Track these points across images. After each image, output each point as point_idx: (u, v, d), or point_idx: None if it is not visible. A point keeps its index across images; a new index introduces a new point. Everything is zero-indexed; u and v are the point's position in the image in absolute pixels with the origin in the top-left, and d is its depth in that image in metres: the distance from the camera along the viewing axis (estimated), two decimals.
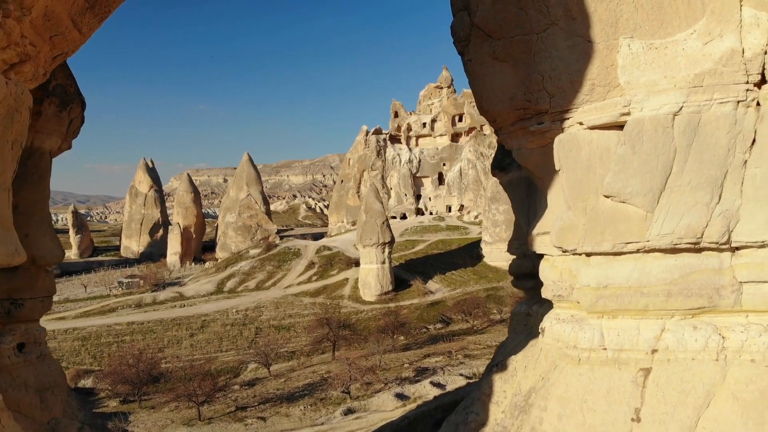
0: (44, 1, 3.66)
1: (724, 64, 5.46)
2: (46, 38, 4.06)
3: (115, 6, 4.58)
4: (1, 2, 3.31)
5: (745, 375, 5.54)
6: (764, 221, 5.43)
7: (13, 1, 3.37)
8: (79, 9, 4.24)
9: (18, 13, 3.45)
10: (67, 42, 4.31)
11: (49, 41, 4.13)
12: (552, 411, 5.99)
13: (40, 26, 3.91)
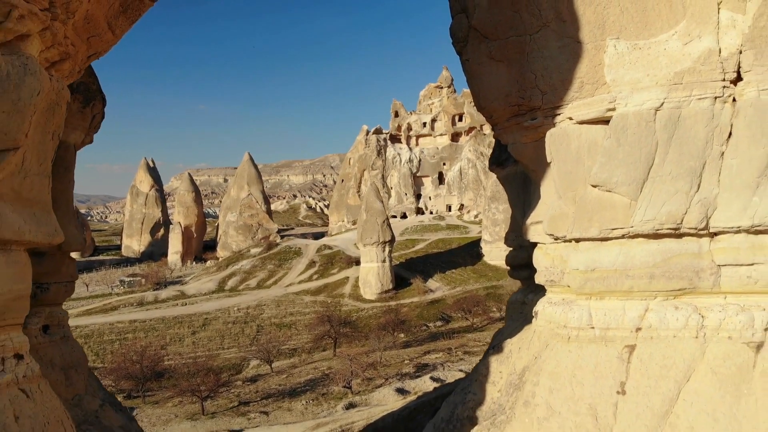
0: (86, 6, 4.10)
1: (702, 63, 5.90)
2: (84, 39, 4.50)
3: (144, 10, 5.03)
4: (50, 6, 3.75)
5: (722, 351, 5.98)
6: (740, 208, 5.87)
7: (61, 5, 3.81)
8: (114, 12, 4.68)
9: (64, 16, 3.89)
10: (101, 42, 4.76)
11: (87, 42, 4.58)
12: (543, 385, 6.43)
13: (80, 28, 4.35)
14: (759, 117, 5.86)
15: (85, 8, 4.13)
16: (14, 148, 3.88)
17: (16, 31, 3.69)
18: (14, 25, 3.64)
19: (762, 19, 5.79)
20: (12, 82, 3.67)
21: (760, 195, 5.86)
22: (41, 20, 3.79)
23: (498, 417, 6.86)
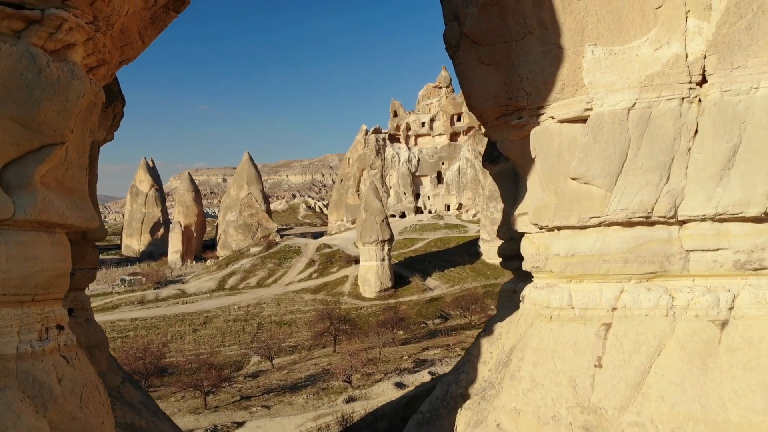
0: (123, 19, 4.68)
1: (670, 67, 6.50)
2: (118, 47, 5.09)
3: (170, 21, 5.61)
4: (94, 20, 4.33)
5: (690, 328, 6.59)
6: (705, 199, 6.48)
7: (103, 19, 4.38)
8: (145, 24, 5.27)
9: (105, 28, 4.47)
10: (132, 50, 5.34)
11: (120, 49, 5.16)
12: (528, 360, 7.03)
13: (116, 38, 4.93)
14: (722, 116, 6.47)
15: (122, 21, 4.73)
16: (61, 142, 4.47)
17: (65, 41, 4.28)
18: (64, 36, 4.23)
19: (724, 27, 6.40)
20: (62, 85, 4.25)
21: (723, 186, 6.47)
22: (86, 32, 4.37)
23: (488, 392, 7.46)
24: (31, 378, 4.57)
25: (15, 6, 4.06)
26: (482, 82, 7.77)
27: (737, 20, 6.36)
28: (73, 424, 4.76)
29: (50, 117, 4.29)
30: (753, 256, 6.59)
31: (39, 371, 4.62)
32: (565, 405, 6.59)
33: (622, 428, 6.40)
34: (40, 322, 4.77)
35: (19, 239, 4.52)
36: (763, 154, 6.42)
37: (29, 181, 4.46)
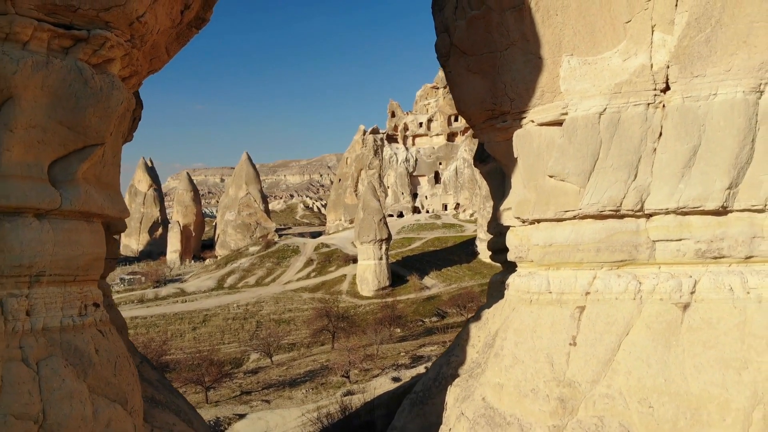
0: (154, 36, 5.39)
1: (637, 76, 7.25)
2: (148, 60, 5.79)
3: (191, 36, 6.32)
4: (131, 38, 5.04)
5: (656, 310, 7.34)
6: (668, 194, 7.23)
7: (138, 37, 5.09)
8: (171, 39, 5.97)
9: (139, 44, 5.17)
10: (159, 62, 6.05)
11: (149, 62, 5.86)
12: (510, 339, 7.77)
13: (146, 52, 5.64)
14: (683, 119, 7.22)
15: (153, 38, 5.44)
16: (101, 143, 5.17)
17: (107, 56, 4.98)
18: (106, 52, 4.93)
19: (686, 40, 7.15)
20: (104, 94, 4.96)
21: (684, 182, 7.22)
22: (124, 48, 5.08)
23: (475, 371, 8.19)
24: (73, 348, 5.27)
25: (65, 27, 4.76)
26: (470, 88, 8.53)
27: (697, 34, 7.11)
28: (108, 389, 5.46)
29: (93, 122, 5.00)
30: (712, 246, 7.35)
31: (80, 342, 5.32)
32: (543, 379, 7.33)
33: (594, 400, 7.14)
34: (80, 300, 5.47)
35: (65, 227, 5.22)
36: (720, 154, 7.17)
37: (73, 176, 5.17)
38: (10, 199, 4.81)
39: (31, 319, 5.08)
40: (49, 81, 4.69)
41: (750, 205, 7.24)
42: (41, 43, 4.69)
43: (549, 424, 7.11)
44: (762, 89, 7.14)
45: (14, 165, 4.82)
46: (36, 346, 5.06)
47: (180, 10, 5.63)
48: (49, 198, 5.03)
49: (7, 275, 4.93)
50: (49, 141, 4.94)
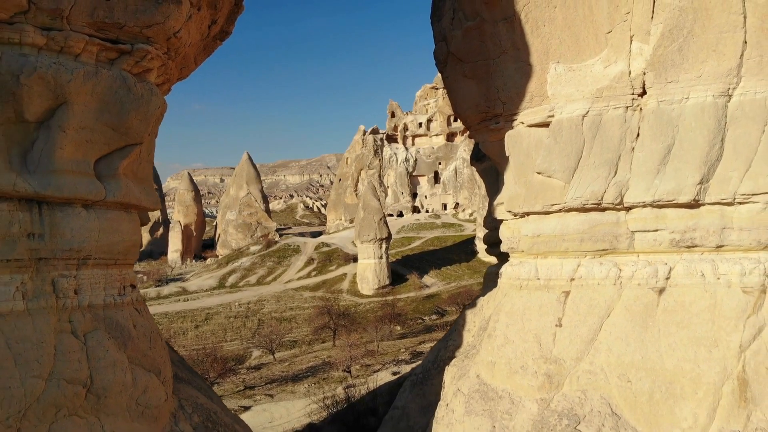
0: (186, 49, 6.11)
1: (617, 82, 7.99)
2: (178, 68, 6.51)
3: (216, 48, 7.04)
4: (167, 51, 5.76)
5: (634, 294, 8.07)
6: (645, 188, 7.97)
7: (173, 50, 5.80)
8: (199, 51, 6.69)
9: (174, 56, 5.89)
10: (187, 70, 6.77)
11: (179, 70, 6.58)
12: (502, 321, 8.50)
13: (178, 62, 6.35)
14: (658, 121, 7.96)
15: (185, 50, 6.16)
16: (140, 143, 5.89)
17: (147, 67, 5.70)
18: (146, 63, 5.65)
19: (660, 49, 7.88)
20: (144, 100, 5.67)
21: (660, 178, 7.96)
22: (161, 60, 5.80)
23: (470, 352, 8.91)
24: (114, 323, 5.98)
25: (112, 41, 5.48)
26: (466, 92, 9.28)
27: (671, 43, 7.85)
28: (145, 360, 6.17)
29: (135, 124, 5.72)
30: (686, 236, 8.08)
31: (120, 318, 6.04)
32: (532, 357, 8.05)
33: (577, 375, 7.88)
34: (119, 281, 6.18)
35: (108, 216, 5.94)
36: (692, 152, 7.91)
37: (115, 171, 5.89)
38: (63, 191, 5.53)
39: (78, 297, 5.79)
40: (98, 88, 5.41)
41: (720, 199, 7.97)
42: (91, 55, 5.40)
43: (537, 397, 7.85)
44: (730, 93, 7.88)
45: (66, 161, 5.53)
46: (83, 320, 5.77)
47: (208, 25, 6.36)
48: (96, 191, 5.75)
49: (58, 258, 5.65)
50: (96, 140, 5.66)
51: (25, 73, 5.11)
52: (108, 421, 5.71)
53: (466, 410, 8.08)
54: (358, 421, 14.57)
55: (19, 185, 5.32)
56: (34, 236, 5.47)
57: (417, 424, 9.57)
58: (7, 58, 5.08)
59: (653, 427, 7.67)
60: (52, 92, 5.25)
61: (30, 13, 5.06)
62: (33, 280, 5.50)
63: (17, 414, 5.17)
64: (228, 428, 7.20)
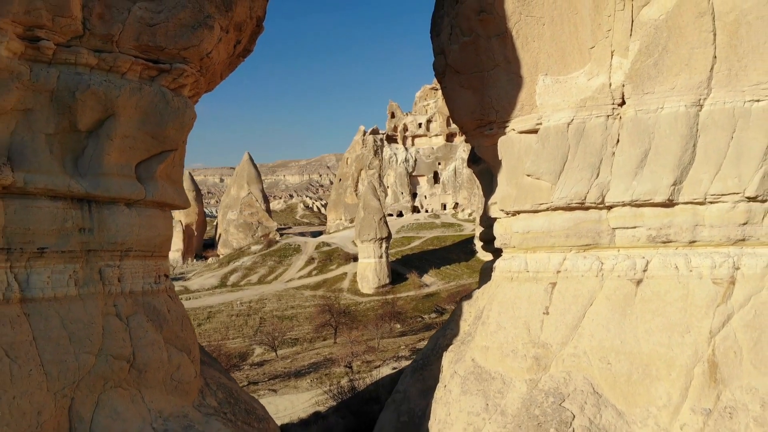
0: (215, 66, 6.93)
1: (599, 93, 8.83)
2: (206, 83, 7.33)
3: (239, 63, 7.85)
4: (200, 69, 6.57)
5: (614, 285, 8.91)
6: (624, 189, 8.81)
7: (205, 67, 6.63)
8: (225, 67, 7.52)
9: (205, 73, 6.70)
10: (214, 84, 7.59)
11: (207, 84, 7.40)
12: (494, 310, 9.33)
13: (208, 78, 7.17)
14: (636, 128, 8.80)
15: (215, 67, 6.98)
16: (175, 149, 6.71)
17: (182, 83, 6.52)
18: (182, 80, 6.47)
19: (637, 63, 8.72)
20: (180, 112, 6.49)
21: (637, 180, 8.80)
22: (195, 77, 6.62)
23: (466, 339, 9.74)
24: (151, 307, 6.80)
25: (153, 61, 6.31)
26: (462, 101, 10.13)
27: (647, 58, 8.68)
28: (177, 341, 6.99)
29: (171, 133, 6.54)
30: (661, 232, 8.91)
31: (156, 303, 6.86)
32: (522, 342, 8.88)
33: (563, 358, 8.70)
34: (155, 271, 7.01)
35: (146, 213, 6.77)
36: (667, 157, 8.74)
37: (153, 174, 6.71)
38: (110, 191, 6.36)
39: (121, 284, 6.62)
40: (141, 102, 6.23)
41: (692, 199, 8.80)
42: (135, 73, 6.23)
43: (526, 378, 8.68)
44: (701, 103, 8.71)
45: (112, 166, 6.36)
46: (125, 305, 6.60)
47: (233, 44, 7.18)
48: (137, 191, 6.58)
49: (105, 250, 6.47)
50: (138, 147, 6.48)
51: (80, 89, 5.93)
52: (147, 393, 6.52)
53: (462, 390, 8.91)
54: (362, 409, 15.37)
55: (73, 186, 6.15)
56: (84, 231, 6.30)
57: (417, 406, 10.39)
58: (64, 76, 5.90)
59: (631, 405, 8.50)
60: (102, 106, 6.07)
61: (85, 38, 5.88)
62: (83, 269, 6.32)
63: (72, 384, 5.98)
64: (248, 405, 8.01)
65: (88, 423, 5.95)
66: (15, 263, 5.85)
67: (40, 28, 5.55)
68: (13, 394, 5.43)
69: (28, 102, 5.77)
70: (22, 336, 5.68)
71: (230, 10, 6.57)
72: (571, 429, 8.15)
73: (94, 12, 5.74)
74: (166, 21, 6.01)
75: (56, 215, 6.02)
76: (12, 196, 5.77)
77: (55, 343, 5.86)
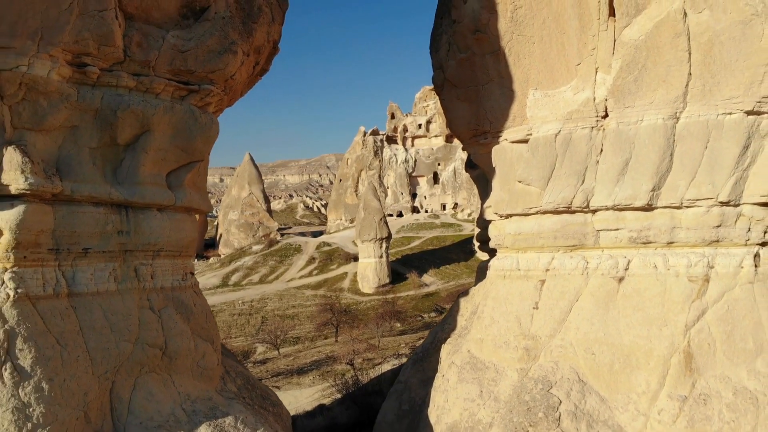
0: (237, 86, 7.73)
1: (584, 106, 9.64)
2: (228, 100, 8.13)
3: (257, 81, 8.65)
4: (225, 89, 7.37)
5: (598, 282, 9.72)
6: (607, 194, 9.63)
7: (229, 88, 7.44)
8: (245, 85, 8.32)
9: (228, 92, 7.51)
10: (234, 100, 8.39)
11: (229, 101, 8.21)
12: (489, 305, 10.14)
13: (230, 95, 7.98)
14: (618, 139, 9.61)
15: (237, 87, 7.79)
16: (201, 160, 7.51)
17: (209, 101, 7.33)
18: (209, 99, 7.28)
19: (619, 80, 9.53)
20: (206, 127, 7.29)
21: (619, 186, 9.62)
22: (219, 96, 7.43)
23: (462, 332, 10.54)
24: (180, 301, 7.60)
25: (184, 83, 7.12)
26: (459, 113, 10.98)
27: (628, 75, 9.49)
28: (202, 332, 7.78)
29: (199, 146, 7.35)
30: (641, 234, 9.73)
31: (184, 298, 7.66)
32: (513, 334, 9.69)
33: (551, 349, 9.52)
34: (182, 269, 7.81)
35: (176, 217, 7.57)
36: (646, 165, 9.55)
37: (182, 183, 7.52)
38: (145, 198, 7.16)
39: (154, 280, 7.42)
40: (173, 119, 7.04)
41: (670, 203, 9.61)
42: (168, 94, 7.03)
43: (517, 367, 9.49)
44: (678, 116, 9.52)
45: (147, 175, 7.16)
46: (157, 299, 7.40)
47: (253, 66, 7.98)
48: (168, 198, 7.39)
49: (139, 250, 7.28)
50: (169, 159, 7.29)
51: (121, 108, 6.73)
52: (177, 378, 7.31)
53: (459, 379, 9.72)
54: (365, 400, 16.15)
55: (113, 194, 6.95)
56: (122, 233, 7.10)
57: (418, 395, 11.18)
58: (107, 97, 6.70)
59: (613, 392, 9.32)
60: (139, 123, 6.87)
61: (125, 63, 6.68)
62: (121, 267, 7.13)
63: (113, 369, 6.79)
64: (263, 391, 8.81)
65: (126, 403, 6.74)
66: (63, 262, 6.65)
67: (87, 56, 6.35)
68: (64, 377, 6.21)
69: (75, 120, 6.56)
70: (70, 326, 6.47)
71: (251, 36, 7.37)
72: (558, 413, 8.95)
73: (133, 41, 6.53)
74: (196, 47, 6.81)
75: (98, 219, 6.82)
76: (60, 203, 6.57)
77: (98, 333, 6.65)
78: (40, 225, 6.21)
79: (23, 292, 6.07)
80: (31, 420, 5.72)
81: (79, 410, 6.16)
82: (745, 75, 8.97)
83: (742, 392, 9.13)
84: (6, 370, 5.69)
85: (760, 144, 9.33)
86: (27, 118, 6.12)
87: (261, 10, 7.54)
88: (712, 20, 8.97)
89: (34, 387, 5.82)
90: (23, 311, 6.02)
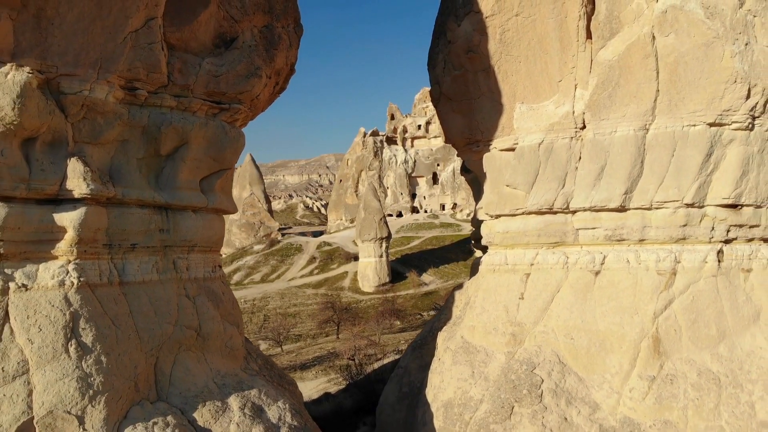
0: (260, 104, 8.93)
1: (564, 119, 10.86)
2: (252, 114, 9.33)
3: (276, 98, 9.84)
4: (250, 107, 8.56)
5: (577, 275, 10.93)
6: (585, 197, 10.84)
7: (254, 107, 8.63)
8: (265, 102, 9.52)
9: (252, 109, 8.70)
10: (256, 114, 9.61)
11: (252, 116, 9.40)
12: (480, 296, 11.35)
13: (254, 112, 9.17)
14: (595, 148, 10.83)
15: (259, 104, 9.00)
16: (229, 168, 8.71)
17: (236, 118, 8.52)
18: (237, 116, 8.47)
19: (595, 96, 10.74)
20: (234, 140, 8.49)
21: (596, 190, 10.83)
22: (246, 113, 8.62)
23: (457, 321, 11.75)
24: (211, 290, 8.79)
25: (216, 102, 8.32)
26: (454, 123, 12.23)
27: (603, 91, 10.71)
28: (229, 317, 8.97)
29: (228, 156, 8.55)
30: (616, 232, 10.94)
31: (214, 287, 8.84)
32: (501, 321, 10.90)
33: (535, 335, 10.73)
34: (212, 263, 9.00)
35: (207, 218, 8.77)
36: (619, 171, 10.77)
37: (213, 187, 8.71)
38: (182, 201, 8.36)
39: (189, 272, 8.61)
40: (207, 134, 8.23)
41: (641, 205, 10.82)
42: (203, 112, 8.22)
43: (505, 351, 10.70)
44: (647, 128, 10.73)
45: (184, 181, 8.36)
46: (192, 288, 8.58)
47: (273, 86, 9.18)
48: (201, 201, 8.58)
49: (177, 246, 8.47)
50: (202, 167, 8.49)
51: (164, 125, 7.93)
52: (209, 356, 8.49)
53: (453, 361, 10.91)
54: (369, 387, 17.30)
55: (156, 198, 8.14)
56: (163, 231, 8.29)
57: (416, 378, 12.37)
58: (152, 115, 7.90)
59: (589, 372, 10.52)
60: (179, 137, 8.07)
61: (168, 87, 7.88)
62: (162, 260, 8.31)
63: (157, 347, 7.97)
64: (280, 371, 9.99)
65: (168, 376, 7.91)
66: (114, 255, 7.82)
67: (137, 81, 7.53)
68: (119, 352, 7.38)
69: (125, 135, 7.74)
70: (122, 309, 7.64)
71: (273, 61, 8.55)
72: (540, 390, 10.16)
73: (175, 68, 7.71)
74: (227, 72, 8.00)
75: (144, 219, 7.99)
76: (113, 205, 7.74)
77: (145, 316, 7.82)
78: (97, 224, 7.37)
79: (84, 280, 7.23)
80: (92, 387, 6.87)
81: (131, 381, 7.32)
82: (708, 91, 10.17)
83: (705, 373, 10.30)
84: (72, 346, 6.85)
85: (722, 152, 10.53)
86: (86, 133, 7.29)
87: (281, 38, 8.75)
88: (677, 43, 10.17)
89: (95, 360, 6.98)
90: (84, 296, 7.18)
